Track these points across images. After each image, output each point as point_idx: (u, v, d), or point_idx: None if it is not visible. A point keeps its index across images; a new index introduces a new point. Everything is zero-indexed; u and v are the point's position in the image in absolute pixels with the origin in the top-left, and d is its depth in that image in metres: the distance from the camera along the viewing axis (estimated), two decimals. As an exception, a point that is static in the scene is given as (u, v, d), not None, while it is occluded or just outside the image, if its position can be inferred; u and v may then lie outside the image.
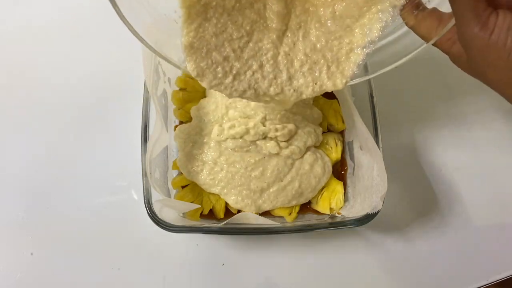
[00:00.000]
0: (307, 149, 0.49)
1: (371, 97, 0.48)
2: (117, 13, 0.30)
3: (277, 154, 0.48)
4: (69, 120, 0.55)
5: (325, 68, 0.37)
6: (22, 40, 0.59)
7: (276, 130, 0.48)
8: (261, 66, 0.37)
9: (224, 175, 0.48)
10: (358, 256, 0.51)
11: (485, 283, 0.50)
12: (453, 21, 0.30)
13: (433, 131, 0.56)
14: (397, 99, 0.58)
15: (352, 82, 0.38)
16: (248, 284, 0.50)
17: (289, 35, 0.37)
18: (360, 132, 0.47)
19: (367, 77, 0.39)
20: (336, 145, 0.51)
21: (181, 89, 0.52)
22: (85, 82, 0.57)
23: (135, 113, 0.47)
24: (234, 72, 0.36)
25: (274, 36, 0.36)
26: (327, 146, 0.51)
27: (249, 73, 0.36)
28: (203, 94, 0.53)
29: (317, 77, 0.37)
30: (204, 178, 0.49)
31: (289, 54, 0.37)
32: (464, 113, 0.57)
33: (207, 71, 0.35)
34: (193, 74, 0.35)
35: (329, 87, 0.37)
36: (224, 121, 0.50)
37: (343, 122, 0.52)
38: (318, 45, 0.37)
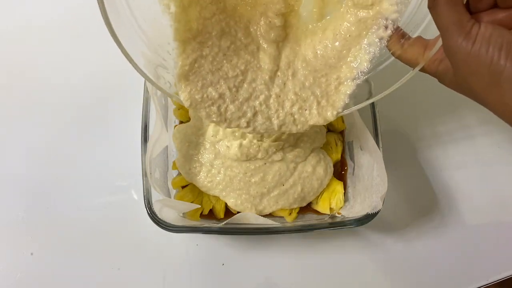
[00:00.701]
0: (312, 150, 0.49)
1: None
2: (115, 41, 0.30)
3: (281, 160, 0.48)
4: (69, 120, 0.55)
5: (315, 104, 0.38)
6: (22, 40, 0.59)
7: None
8: (255, 114, 0.37)
9: (221, 178, 0.48)
10: (358, 256, 0.51)
11: (485, 283, 0.50)
12: (438, 44, 0.31)
13: (433, 131, 0.56)
14: (397, 99, 0.58)
15: (346, 112, 0.38)
16: (248, 284, 0.50)
17: (280, 74, 0.38)
18: (360, 132, 0.47)
19: (359, 106, 0.39)
20: (336, 145, 0.51)
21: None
22: (85, 82, 0.57)
23: (135, 113, 0.47)
24: (228, 117, 0.37)
25: (267, 77, 0.37)
26: (327, 146, 0.51)
27: (242, 122, 0.37)
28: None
29: (307, 118, 0.38)
30: (202, 180, 0.48)
31: (279, 96, 0.38)
32: (464, 113, 0.57)
33: (202, 105, 0.36)
34: (186, 104, 0.35)
35: (320, 122, 0.38)
36: None
37: (343, 122, 0.52)
38: (306, 83, 0.38)
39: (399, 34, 0.35)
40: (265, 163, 0.48)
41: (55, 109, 0.56)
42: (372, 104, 0.48)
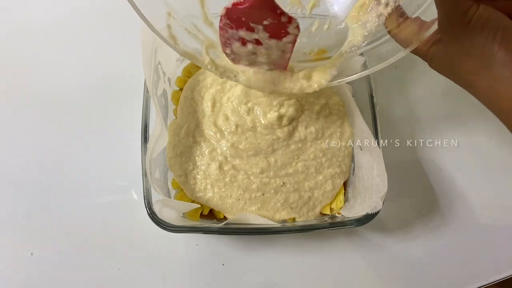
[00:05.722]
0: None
1: (371, 97, 0.48)
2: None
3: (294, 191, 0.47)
4: (69, 120, 0.55)
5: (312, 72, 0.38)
6: (23, 40, 0.59)
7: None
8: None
9: (211, 195, 0.47)
10: (358, 256, 0.51)
11: (485, 283, 0.50)
12: (434, 27, 0.31)
13: (433, 130, 0.56)
14: (397, 99, 0.58)
15: (334, 83, 0.38)
16: (248, 284, 0.50)
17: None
18: (361, 132, 0.47)
19: (348, 79, 0.39)
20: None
21: (181, 89, 0.52)
22: (85, 82, 0.57)
23: (135, 113, 0.47)
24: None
25: None
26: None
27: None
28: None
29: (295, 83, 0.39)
30: (191, 193, 0.47)
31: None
32: (464, 112, 0.57)
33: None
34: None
35: (306, 90, 0.38)
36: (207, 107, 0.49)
37: (343, 122, 0.52)
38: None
39: (399, 13, 0.34)
40: (263, 194, 0.47)
41: (54, 109, 0.56)
42: (372, 104, 0.48)
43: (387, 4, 0.34)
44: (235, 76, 0.38)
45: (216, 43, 0.38)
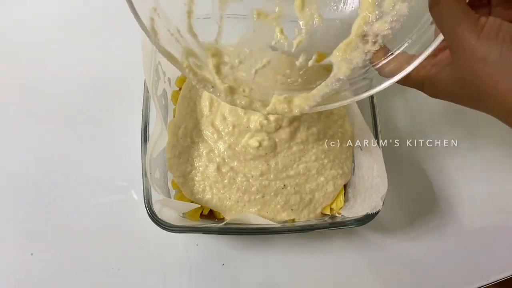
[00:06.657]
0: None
1: (371, 97, 0.48)
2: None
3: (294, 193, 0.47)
4: (69, 120, 0.55)
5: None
6: (23, 40, 0.59)
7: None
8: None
9: (210, 197, 0.46)
10: (358, 256, 0.51)
11: (485, 283, 0.50)
12: (426, 53, 0.31)
13: (434, 131, 0.56)
14: (397, 99, 0.58)
15: (319, 109, 0.38)
16: (248, 284, 0.50)
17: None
18: (361, 132, 0.47)
19: (333, 105, 0.39)
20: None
21: (181, 89, 0.52)
22: (85, 82, 0.57)
23: (135, 113, 0.47)
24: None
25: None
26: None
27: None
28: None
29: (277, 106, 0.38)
30: (190, 194, 0.47)
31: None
32: (464, 112, 0.57)
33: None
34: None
35: (287, 114, 0.38)
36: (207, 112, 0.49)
37: (343, 122, 0.52)
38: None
39: (386, 49, 0.35)
40: (263, 196, 0.47)
41: (55, 109, 0.56)
42: (372, 105, 0.48)
43: (374, 42, 0.34)
44: (212, 87, 0.36)
45: (196, 54, 0.37)
